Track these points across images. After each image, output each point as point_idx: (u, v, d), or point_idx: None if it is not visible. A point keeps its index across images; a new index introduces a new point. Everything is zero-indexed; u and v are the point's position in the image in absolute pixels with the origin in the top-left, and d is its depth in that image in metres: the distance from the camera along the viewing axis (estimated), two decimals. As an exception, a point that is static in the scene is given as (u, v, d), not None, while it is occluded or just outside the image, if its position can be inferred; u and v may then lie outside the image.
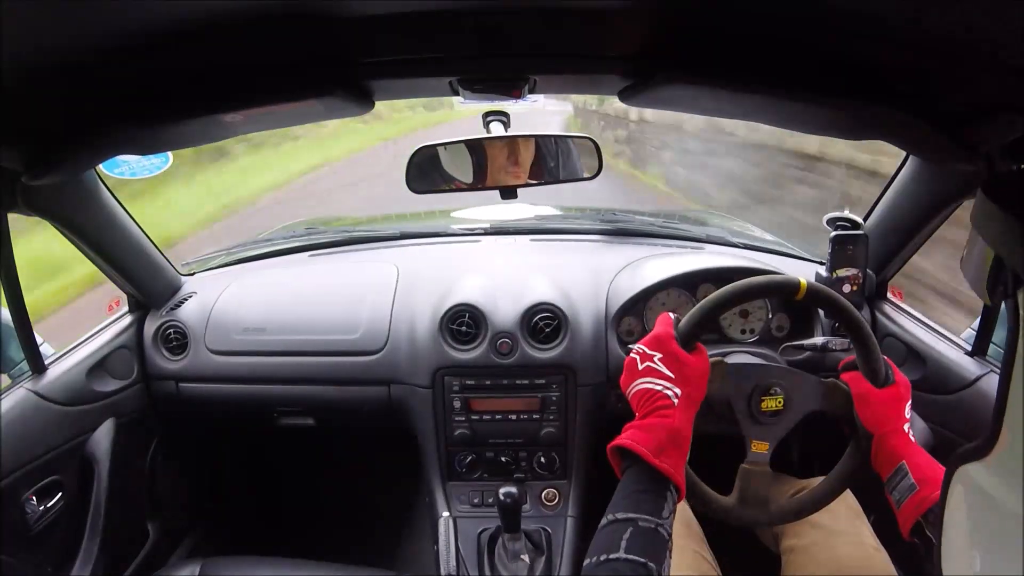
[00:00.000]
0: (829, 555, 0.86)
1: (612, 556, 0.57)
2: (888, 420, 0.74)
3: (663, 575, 0.58)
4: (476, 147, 0.94)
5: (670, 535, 0.61)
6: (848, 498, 0.93)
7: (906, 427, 0.74)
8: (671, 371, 0.68)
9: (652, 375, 0.69)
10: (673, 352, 0.70)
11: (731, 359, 1.06)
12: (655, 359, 0.70)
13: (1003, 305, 0.44)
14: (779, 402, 0.77)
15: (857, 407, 0.76)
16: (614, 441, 0.67)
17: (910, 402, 0.76)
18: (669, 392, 0.68)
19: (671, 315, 0.75)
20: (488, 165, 0.96)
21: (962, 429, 1.01)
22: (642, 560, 0.56)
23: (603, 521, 0.62)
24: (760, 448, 0.77)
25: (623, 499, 0.63)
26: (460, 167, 0.96)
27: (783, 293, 0.75)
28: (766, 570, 0.96)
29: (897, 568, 0.87)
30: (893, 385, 0.76)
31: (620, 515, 0.61)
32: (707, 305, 0.73)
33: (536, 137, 0.97)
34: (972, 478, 0.46)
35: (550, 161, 1.00)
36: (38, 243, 3.07)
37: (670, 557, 0.60)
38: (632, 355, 0.72)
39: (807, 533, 0.90)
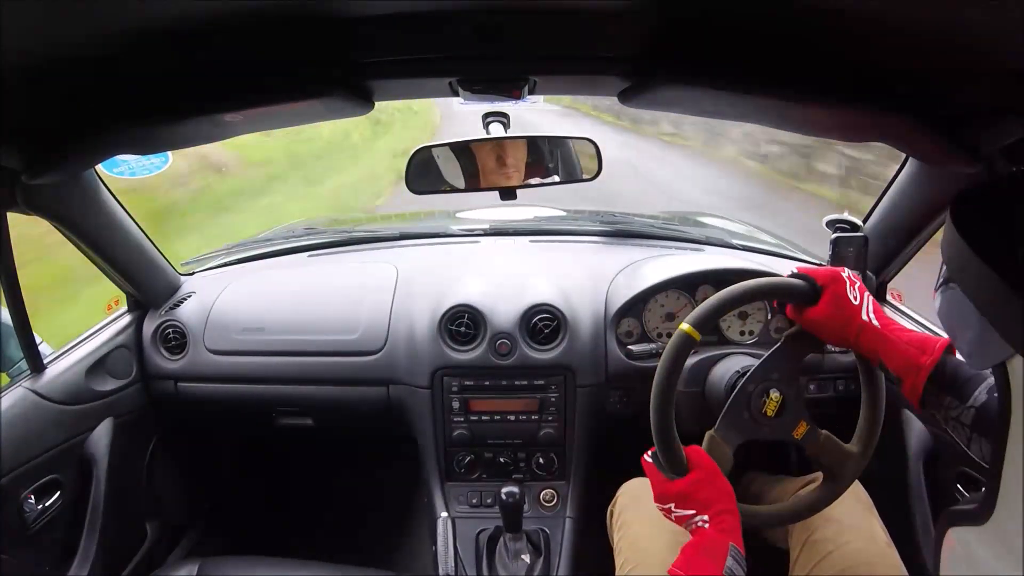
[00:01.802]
0: (842, 551, 0.85)
1: None
2: (844, 326, 0.74)
3: None
4: (476, 148, 0.94)
5: None
6: (859, 491, 0.93)
7: (864, 314, 0.73)
8: (689, 508, 0.72)
9: (682, 520, 0.73)
10: (677, 492, 0.72)
11: (728, 361, 1.06)
12: (672, 509, 0.73)
13: None
14: (776, 398, 0.78)
15: (817, 336, 0.77)
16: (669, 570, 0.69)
17: (851, 284, 0.75)
18: (699, 522, 0.71)
19: (647, 458, 0.77)
20: (488, 166, 0.96)
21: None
22: None
23: None
24: (801, 431, 0.79)
25: None
26: (460, 168, 0.96)
27: (685, 350, 0.76)
28: (773, 566, 0.96)
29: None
30: (825, 290, 0.76)
31: None
32: (657, 426, 0.74)
33: (535, 138, 0.97)
34: (967, 544, 0.46)
35: (549, 162, 1.00)
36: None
37: None
38: (662, 511, 0.75)
39: (819, 527, 0.90)
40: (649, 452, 0.76)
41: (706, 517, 0.70)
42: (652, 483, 0.76)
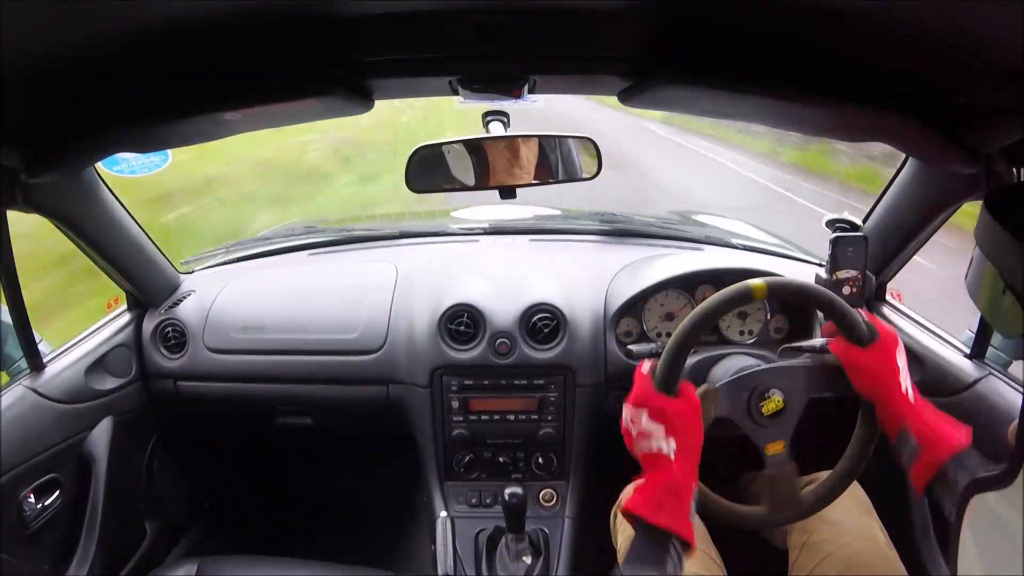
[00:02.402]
0: (841, 552, 0.85)
1: None
2: (881, 383, 0.74)
3: None
4: (476, 147, 0.94)
5: None
6: (858, 493, 0.93)
7: (902, 381, 0.74)
8: (660, 423, 0.69)
9: (644, 437, 0.70)
10: (656, 406, 0.70)
11: (728, 361, 1.06)
12: (641, 418, 0.70)
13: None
14: (778, 402, 0.77)
15: (850, 377, 0.77)
16: (621, 506, 0.68)
17: (902, 350, 0.76)
18: (663, 447, 0.68)
19: (646, 365, 0.75)
20: (488, 165, 0.95)
21: None
22: None
23: None
24: (776, 449, 0.78)
25: (632, 558, 0.65)
26: (460, 167, 0.96)
27: (745, 300, 0.75)
28: (772, 567, 0.96)
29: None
30: (878, 340, 0.75)
31: (627, 572, 0.64)
32: (674, 346, 0.73)
33: (537, 137, 0.97)
34: (990, 506, 0.47)
35: (550, 161, 1.00)
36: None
37: None
38: (624, 425, 0.73)
39: (817, 529, 0.90)
40: (648, 364, 0.75)
41: (673, 444, 0.67)
42: (636, 387, 0.73)
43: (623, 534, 0.98)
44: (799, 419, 0.78)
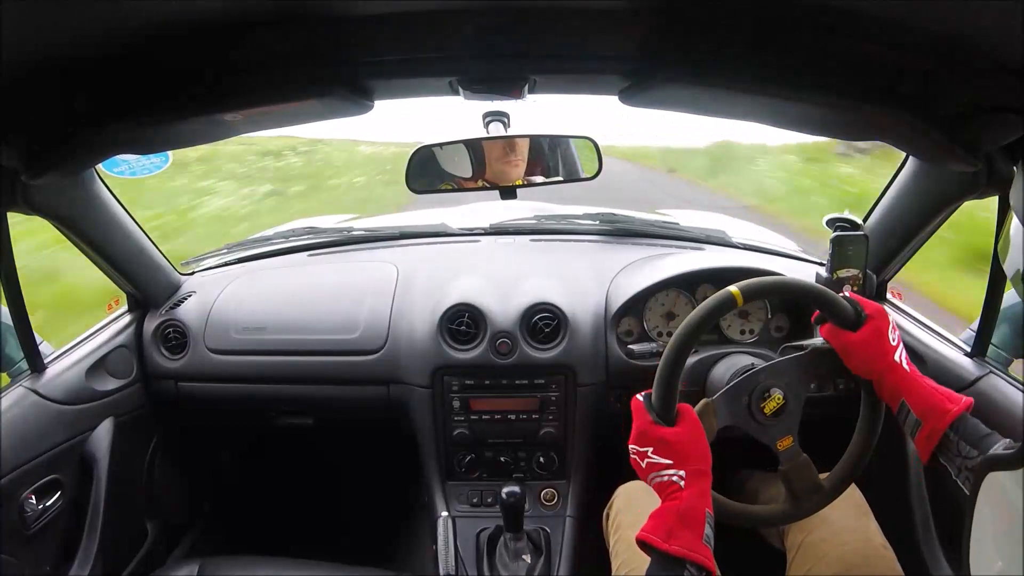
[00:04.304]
0: (837, 552, 0.86)
1: None
2: (875, 360, 0.75)
3: None
4: (477, 147, 0.94)
5: None
6: (855, 494, 0.93)
7: (897, 356, 0.75)
8: (666, 457, 0.70)
9: (653, 469, 0.71)
10: (659, 438, 0.71)
11: (728, 360, 1.06)
12: (648, 454, 0.71)
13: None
14: (778, 399, 0.77)
15: (845, 361, 0.77)
16: (637, 535, 0.68)
17: (892, 326, 0.76)
18: (674, 477, 0.69)
19: (639, 398, 0.75)
20: (488, 165, 0.96)
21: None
22: None
23: None
24: (786, 444, 0.78)
25: None
26: (461, 167, 0.96)
27: (724, 310, 0.75)
28: (768, 567, 0.96)
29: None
30: (868, 320, 0.76)
31: None
32: (665, 370, 0.73)
33: (536, 137, 0.97)
34: (1003, 486, 0.47)
35: (550, 161, 1.00)
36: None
37: None
38: (632, 457, 0.73)
39: (814, 528, 0.90)
40: (642, 394, 0.75)
41: (682, 473, 0.68)
42: (636, 423, 0.73)
43: (616, 535, 0.97)
44: (800, 415, 0.79)
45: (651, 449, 0.71)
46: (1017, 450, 0.46)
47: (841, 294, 0.79)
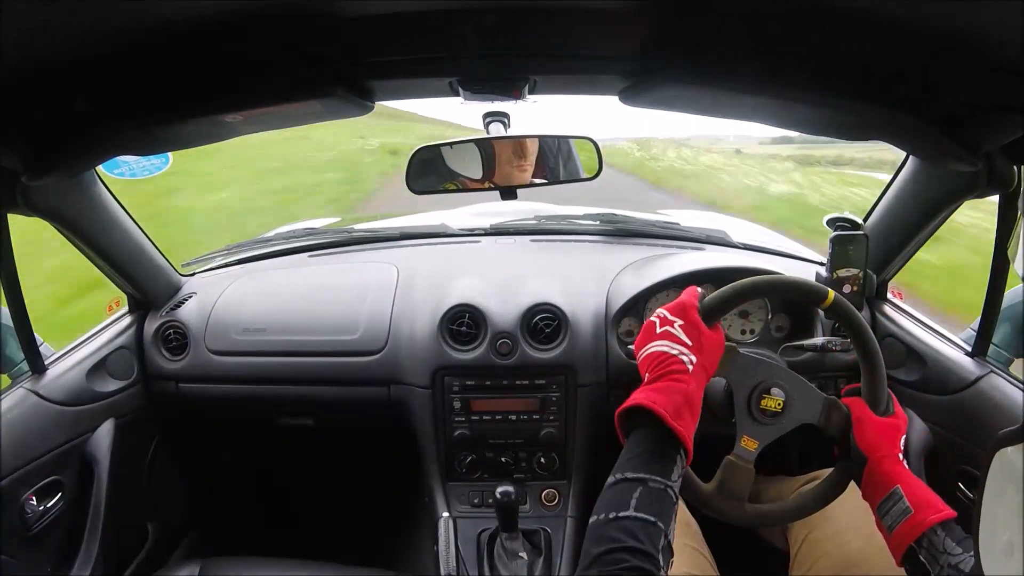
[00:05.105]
0: (839, 551, 0.86)
1: (622, 514, 0.57)
2: (884, 445, 0.74)
3: (671, 536, 0.58)
4: (476, 147, 0.94)
5: (678, 498, 0.62)
6: (857, 491, 0.93)
7: (900, 456, 0.75)
8: (689, 338, 0.69)
9: (670, 339, 0.70)
10: (694, 321, 0.71)
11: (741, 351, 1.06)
12: (675, 324, 0.71)
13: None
14: (778, 404, 0.77)
15: (855, 430, 0.76)
16: (628, 402, 0.66)
17: (904, 437, 0.77)
18: (685, 358, 0.68)
19: (698, 288, 0.76)
20: (488, 166, 0.96)
21: (962, 430, 1.00)
22: (652, 519, 0.56)
23: (610, 480, 0.62)
24: (749, 445, 0.77)
25: (633, 458, 0.63)
26: (461, 168, 0.96)
27: (809, 299, 0.76)
28: (764, 567, 0.96)
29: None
30: (892, 416, 0.76)
31: (630, 474, 0.61)
32: (737, 287, 0.74)
33: (538, 137, 0.97)
34: (1012, 461, 0.47)
35: (551, 161, 1.00)
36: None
37: (675, 520, 0.60)
38: (652, 318, 0.73)
39: (818, 526, 0.90)
40: (702, 290, 0.76)
41: (694, 359, 0.68)
42: (682, 297, 0.74)
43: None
44: (784, 433, 0.77)
45: (680, 323, 0.70)
46: (1020, 425, 0.46)
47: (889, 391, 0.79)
